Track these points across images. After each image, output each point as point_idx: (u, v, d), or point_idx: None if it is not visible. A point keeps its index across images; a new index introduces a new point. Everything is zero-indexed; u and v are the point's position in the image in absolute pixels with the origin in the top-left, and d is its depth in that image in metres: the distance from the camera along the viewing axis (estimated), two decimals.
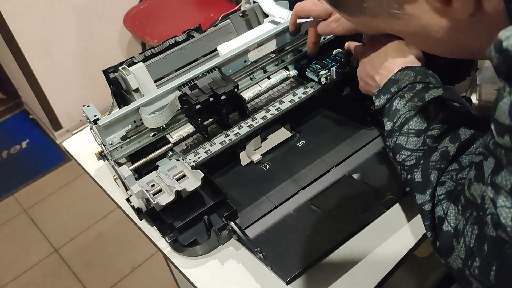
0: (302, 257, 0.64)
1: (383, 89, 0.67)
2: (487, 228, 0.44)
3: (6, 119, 2.52)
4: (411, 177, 0.59)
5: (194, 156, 0.76)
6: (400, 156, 0.62)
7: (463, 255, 0.49)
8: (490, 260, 0.44)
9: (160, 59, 0.84)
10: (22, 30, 1.99)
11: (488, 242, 0.44)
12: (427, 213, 0.56)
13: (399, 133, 0.62)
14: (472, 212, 0.48)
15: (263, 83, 0.86)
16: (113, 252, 1.85)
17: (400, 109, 0.64)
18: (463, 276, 0.49)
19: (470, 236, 0.48)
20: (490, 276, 0.44)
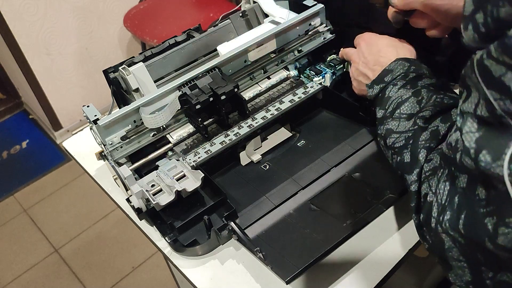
0: (302, 256, 0.64)
1: (376, 79, 0.66)
2: (458, 181, 0.44)
3: (6, 119, 2.52)
4: (401, 159, 0.58)
5: (194, 156, 0.76)
6: (390, 140, 0.61)
7: (435, 213, 0.48)
8: (460, 209, 0.43)
9: (160, 59, 0.84)
10: (22, 30, 1.99)
11: (459, 194, 0.44)
12: (414, 194, 0.55)
13: (391, 118, 0.62)
14: (445, 169, 0.48)
15: (263, 83, 0.86)
16: (113, 252, 1.85)
17: (392, 96, 0.63)
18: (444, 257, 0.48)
19: (442, 193, 0.47)
20: (459, 225, 0.43)
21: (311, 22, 0.87)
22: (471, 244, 0.43)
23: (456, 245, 0.44)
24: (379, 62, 0.68)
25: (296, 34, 0.86)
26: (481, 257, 0.42)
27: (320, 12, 0.86)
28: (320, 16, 0.87)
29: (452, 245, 0.45)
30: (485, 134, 0.39)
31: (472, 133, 0.40)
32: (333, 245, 0.65)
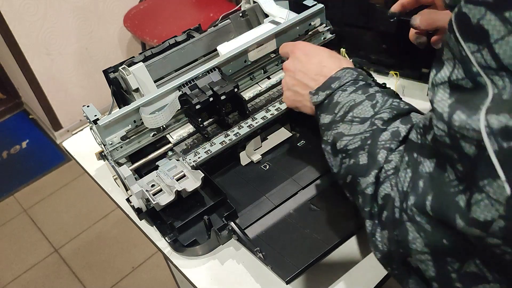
0: (302, 256, 0.64)
1: (322, 86, 0.62)
2: (422, 167, 0.43)
3: (6, 119, 2.52)
4: (355, 161, 0.53)
5: (194, 156, 0.76)
6: (341, 143, 0.56)
7: (398, 202, 0.46)
8: (426, 192, 0.42)
9: (160, 59, 0.84)
10: (22, 30, 1.99)
11: (423, 179, 0.42)
12: (369, 198, 0.50)
13: (341, 122, 0.57)
14: (405, 158, 0.46)
15: (263, 83, 0.86)
16: (113, 252, 1.85)
17: (341, 101, 0.59)
18: (403, 260, 0.45)
19: (403, 181, 0.45)
20: (426, 207, 0.41)
21: (311, 22, 0.87)
22: (438, 229, 0.41)
23: (420, 234, 0.42)
24: (322, 72, 0.64)
25: (296, 34, 0.86)
26: (447, 244, 0.40)
27: (320, 12, 0.86)
28: (320, 16, 0.87)
29: (416, 235, 0.43)
30: (458, 99, 0.38)
31: (444, 100, 0.39)
32: (333, 245, 0.65)
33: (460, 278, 0.39)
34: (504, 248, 0.36)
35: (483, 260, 0.38)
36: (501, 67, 0.35)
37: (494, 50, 0.35)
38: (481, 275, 0.38)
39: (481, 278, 0.38)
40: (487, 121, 0.35)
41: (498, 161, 0.34)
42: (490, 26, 0.34)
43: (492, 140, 0.34)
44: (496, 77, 0.35)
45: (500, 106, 0.34)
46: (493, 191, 0.35)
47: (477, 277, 0.38)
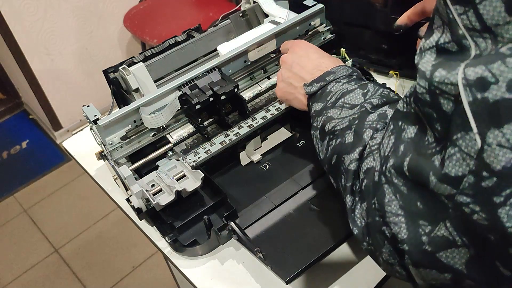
0: (302, 256, 0.64)
1: (317, 79, 0.64)
2: (405, 133, 0.43)
3: (6, 119, 2.52)
4: (341, 141, 0.55)
5: (194, 156, 0.76)
6: (329, 125, 0.58)
7: (378, 167, 0.46)
8: (405, 154, 0.42)
9: (160, 59, 0.84)
10: (22, 30, 1.99)
11: (405, 143, 0.43)
12: (351, 173, 0.51)
13: (332, 108, 0.59)
14: (389, 126, 0.47)
15: (263, 83, 0.86)
16: (113, 252, 1.85)
17: (334, 90, 0.61)
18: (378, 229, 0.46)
19: (386, 147, 0.46)
20: (404, 167, 0.42)
21: (311, 22, 0.87)
22: (413, 191, 0.41)
23: (396, 196, 0.43)
24: (319, 67, 0.66)
25: (296, 34, 0.86)
26: (421, 207, 0.40)
27: (320, 12, 0.86)
28: (320, 16, 0.87)
29: (392, 197, 0.43)
30: (442, 60, 0.39)
31: (429, 62, 0.39)
32: (333, 245, 0.65)
33: (430, 241, 0.40)
34: (472, 206, 0.36)
35: (453, 224, 0.38)
36: (484, 28, 0.36)
37: (479, 11, 0.35)
38: (451, 239, 0.38)
39: (451, 242, 0.38)
40: (464, 74, 0.35)
41: (472, 113, 0.35)
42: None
43: (468, 91, 0.35)
44: (480, 39, 0.36)
45: (478, 60, 0.35)
46: (465, 145, 0.36)
47: (447, 241, 0.38)
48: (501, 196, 0.34)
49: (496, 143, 0.34)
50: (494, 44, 0.35)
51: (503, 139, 0.33)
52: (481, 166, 0.35)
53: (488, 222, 0.35)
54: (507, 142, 0.33)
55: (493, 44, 0.35)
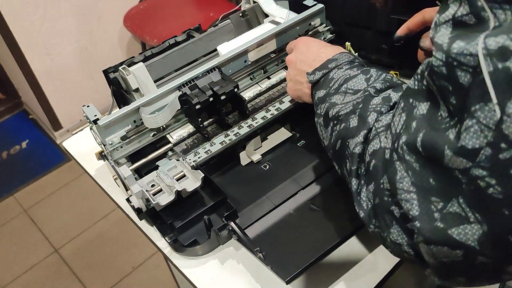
0: (302, 256, 0.64)
1: (319, 67, 0.64)
2: (416, 110, 0.43)
3: (6, 119, 2.52)
4: (345, 125, 0.54)
5: (194, 156, 0.76)
6: (333, 111, 0.57)
7: (390, 144, 0.46)
8: (419, 130, 0.42)
9: (160, 59, 0.84)
10: (22, 30, 1.99)
11: (417, 120, 0.43)
12: (356, 156, 0.51)
13: (335, 94, 0.59)
14: (400, 102, 0.46)
15: (263, 83, 0.86)
16: (113, 252, 1.85)
17: (336, 77, 0.61)
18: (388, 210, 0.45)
19: (397, 124, 0.46)
20: (417, 143, 0.41)
21: (311, 22, 0.87)
22: (426, 168, 0.41)
23: (409, 173, 0.42)
24: (319, 57, 0.66)
25: (296, 34, 0.86)
26: (434, 183, 0.40)
27: (320, 12, 0.86)
28: (320, 16, 0.87)
29: (404, 174, 0.43)
30: (459, 33, 0.38)
31: (446, 35, 0.39)
32: (333, 245, 0.65)
33: (442, 218, 0.39)
34: (488, 180, 0.35)
35: (466, 200, 0.38)
36: (505, 0, 0.35)
37: None
38: (463, 216, 0.38)
39: (463, 218, 0.38)
40: (484, 44, 0.34)
41: (492, 83, 0.34)
42: None
43: (488, 61, 0.34)
44: (500, 11, 0.35)
45: (499, 31, 0.34)
46: (483, 116, 0.35)
47: (459, 217, 0.38)
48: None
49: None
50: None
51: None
52: (499, 137, 0.34)
53: (503, 196, 0.35)
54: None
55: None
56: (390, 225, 0.45)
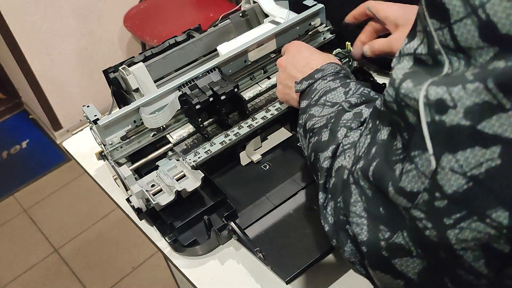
0: (302, 257, 0.64)
1: (306, 76, 0.65)
2: (379, 134, 0.43)
3: (6, 119, 2.52)
4: (318, 139, 0.55)
5: (194, 156, 0.76)
6: (310, 123, 0.59)
7: (349, 165, 0.47)
8: (374, 158, 0.42)
9: (160, 59, 0.84)
10: (22, 30, 1.99)
11: (377, 145, 0.43)
12: (324, 171, 0.51)
13: (315, 106, 0.60)
14: (368, 124, 0.46)
15: (263, 83, 0.86)
16: (113, 252, 1.85)
17: (319, 88, 0.62)
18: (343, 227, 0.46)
19: (362, 146, 0.46)
20: (369, 172, 0.42)
21: (311, 22, 0.87)
22: (377, 196, 0.41)
23: (362, 198, 0.43)
24: (309, 64, 0.67)
25: (296, 34, 0.86)
26: (383, 212, 0.41)
27: (320, 12, 0.86)
28: (320, 16, 0.87)
29: (358, 198, 0.43)
30: (415, 70, 0.38)
31: (403, 69, 0.38)
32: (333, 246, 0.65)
33: (388, 247, 0.40)
34: (425, 222, 0.36)
35: (409, 235, 0.38)
36: (458, 48, 0.34)
37: (453, 31, 0.34)
38: (407, 249, 0.38)
39: (406, 251, 0.38)
40: (426, 92, 0.34)
41: (429, 134, 0.34)
42: (451, 5, 0.34)
43: (427, 111, 0.34)
44: (454, 58, 0.35)
45: (443, 80, 0.34)
46: (421, 163, 0.35)
47: (403, 249, 0.39)
48: (451, 219, 0.34)
49: (449, 168, 0.34)
50: (467, 66, 0.34)
51: (456, 165, 0.33)
52: (434, 186, 0.35)
53: (438, 240, 0.36)
54: (460, 168, 0.33)
55: (466, 65, 0.34)
56: (345, 243, 0.45)
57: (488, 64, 0.32)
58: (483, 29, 0.32)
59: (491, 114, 0.31)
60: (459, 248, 0.35)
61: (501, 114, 0.31)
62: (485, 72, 0.32)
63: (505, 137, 0.31)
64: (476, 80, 0.32)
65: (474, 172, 0.33)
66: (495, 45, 0.32)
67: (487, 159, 0.32)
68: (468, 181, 0.33)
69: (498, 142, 0.32)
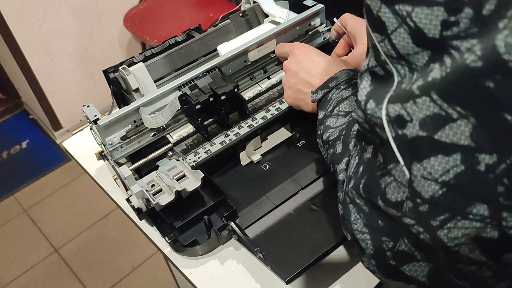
0: (302, 256, 0.64)
1: (322, 85, 0.66)
2: (365, 153, 0.45)
3: (6, 119, 2.52)
4: (333, 151, 0.57)
5: (194, 156, 0.76)
6: (326, 135, 0.60)
7: (345, 186, 0.49)
8: (362, 176, 0.45)
9: (160, 59, 0.84)
10: (22, 30, 1.99)
11: (364, 164, 0.45)
12: (340, 183, 0.53)
13: (330, 117, 0.62)
14: (356, 146, 0.49)
15: (263, 83, 0.86)
16: (113, 252, 1.85)
17: (333, 97, 0.63)
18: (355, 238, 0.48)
19: (352, 167, 0.48)
20: (360, 190, 0.44)
21: (311, 22, 0.87)
22: (373, 210, 0.43)
23: (360, 215, 0.44)
24: (327, 71, 0.67)
25: (296, 34, 0.86)
26: (382, 224, 0.42)
27: (320, 12, 0.86)
28: (320, 16, 0.87)
29: (357, 216, 0.45)
30: (374, 86, 0.40)
31: (365, 88, 0.41)
32: (333, 245, 0.65)
33: (394, 256, 0.41)
34: (417, 227, 0.37)
35: (410, 241, 0.39)
36: (399, 56, 0.37)
37: (392, 41, 0.37)
38: (411, 254, 0.40)
39: (411, 256, 0.40)
40: (387, 110, 0.37)
41: (397, 147, 0.37)
42: (385, 18, 0.36)
43: (390, 127, 0.37)
44: (399, 66, 0.37)
45: (397, 95, 0.37)
46: (397, 175, 0.38)
47: (407, 256, 0.40)
48: (437, 221, 0.36)
49: (420, 176, 0.36)
50: (411, 72, 0.36)
51: (425, 172, 0.35)
52: (413, 194, 0.37)
53: (433, 242, 0.37)
54: (430, 175, 0.35)
55: (409, 71, 0.36)
56: (362, 255, 0.47)
57: (426, 67, 0.35)
58: (414, 35, 0.35)
59: (443, 124, 0.34)
60: (453, 245, 0.36)
61: (452, 124, 0.33)
62: (428, 85, 0.34)
63: (461, 144, 0.33)
64: (422, 94, 0.34)
65: (444, 178, 0.34)
66: (427, 48, 0.34)
67: (451, 165, 0.34)
68: (441, 186, 0.35)
69: (457, 150, 0.33)
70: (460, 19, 0.32)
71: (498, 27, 0.30)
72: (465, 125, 0.33)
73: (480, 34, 0.31)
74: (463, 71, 0.32)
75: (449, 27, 0.33)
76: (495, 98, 0.31)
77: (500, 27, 0.30)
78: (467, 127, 0.32)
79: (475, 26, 0.31)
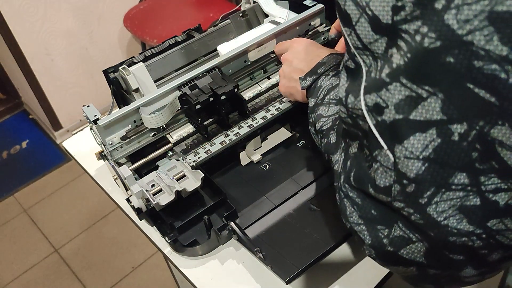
0: (302, 256, 0.64)
1: (309, 72, 0.66)
2: (351, 149, 0.47)
3: (6, 119, 2.52)
4: (327, 141, 0.58)
5: (194, 156, 0.76)
6: (319, 124, 0.61)
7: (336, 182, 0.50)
8: (351, 169, 0.46)
9: (160, 59, 0.84)
10: (22, 30, 1.99)
11: (351, 159, 0.47)
12: (337, 175, 0.54)
13: (321, 105, 0.62)
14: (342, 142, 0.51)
15: (263, 83, 0.86)
16: (113, 252, 1.85)
17: (323, 84, 0.64)
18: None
19: (340, 163, 0.50)
20: (351, 182, 0.46)
21: (311, 22, 0.87)
22: (366, 201, 0.44)
23: (354, 208, 0.46)
24: (318, 57, 0.68)
25: (296, 34, 0.86)
26: (375, 213, 0.44)
27: (320, 12, 0.86)
28: (320, 16, 0.87)
29: (352, 209, 0.46)
30: (350, 81, 0.43)
31: (344, 85, 0.44)
32: (333, 245, 0.65)
33: (391, 242, 0.42)
34: (407, 210, 0.39)
35: (404, 223, 0.41)
36: (363, 46, 0.39)
37: (357, 32, 0.39)
38: (407, 237, 0.41)
39: (407, 239, 0.41)
40: (365, 101, 0.40)
41: (378, 133, 0.39)
42: (350, 10, 0.39)
43: (370, 116, 0.39)
44: (364, 56, 0.40)
45: (370, 85, 0.39)
46: (383, 160, 0.40)
47: (404, 239, 0.41)
48: (424, 198, 0.38)
49: (403, 156, 0.37)
50: (374, 60, 0.39)
51: (406, 152, 0.37)
52: (399, 176, 0.38)
53: (423, 221, 0.38)
54: (411, 154, 0.37)
55: (373, 60, 0.39)
56: (362, 244, 0.48)
57: (386, 53, 0.37)
58: (373, 23, 0.38)
59: (416, 105, 0.36)
60: (442, 219, 0.38)
61: (423, 103, 0.36)
62: (395, 71, 0.37)
63: (434, 119, 0.35)
64: (392, 80, 0.37)
65: (424, 154, 0.36)
66: (384, 35, 0.37)
67: (429, 141, 0.36)
68: (424, 162, 0.37)
69: (432, 125, 0.36)
70: (405, 3, 0.35)
71: (435, 7, 0.33)
72: (435, 101, 0.35)
73: (422, 15, 0.34)
74: (424, 54, 0.34)
75: (398, 12, 0.35)
76: (457, 71, 0.33)
77: (437, 7, 0.33)
78: (437, 103, 0.35)
79: (418, 9, 0.34)
